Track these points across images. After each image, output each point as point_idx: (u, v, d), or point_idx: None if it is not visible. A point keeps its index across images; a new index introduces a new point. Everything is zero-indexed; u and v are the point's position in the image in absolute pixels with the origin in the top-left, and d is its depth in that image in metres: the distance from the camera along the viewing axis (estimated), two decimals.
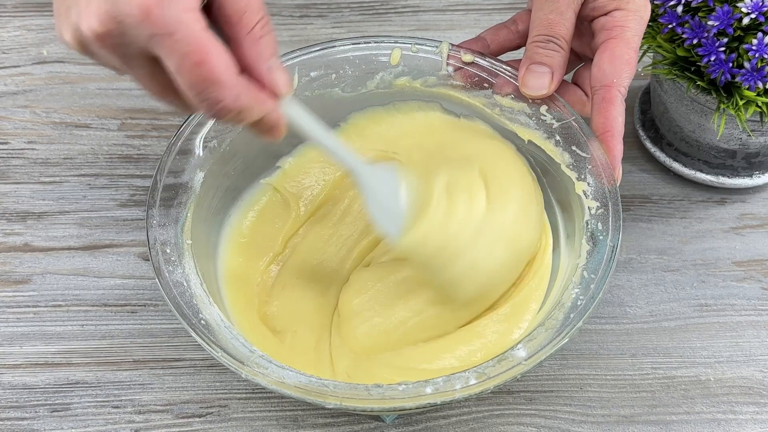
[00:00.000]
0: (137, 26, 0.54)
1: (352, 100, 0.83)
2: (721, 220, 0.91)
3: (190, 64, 0.55)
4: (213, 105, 0.56)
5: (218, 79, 0.55)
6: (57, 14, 0.59)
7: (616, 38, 0.75)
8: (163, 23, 0.54)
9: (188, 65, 0.55)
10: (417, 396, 0.64)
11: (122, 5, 0.54)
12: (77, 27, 0.56)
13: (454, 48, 0.81)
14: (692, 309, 0.85)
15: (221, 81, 0.56)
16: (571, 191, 0.75)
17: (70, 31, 0.58)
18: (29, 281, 0.87)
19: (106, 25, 0.55)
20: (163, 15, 0.54)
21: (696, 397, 0.80)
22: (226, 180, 0.80)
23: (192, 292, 0.70)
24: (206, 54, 0.55)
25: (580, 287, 0.69)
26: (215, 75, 0.55)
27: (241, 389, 0.80)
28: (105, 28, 0.55)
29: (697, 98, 0.84)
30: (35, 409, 0.80)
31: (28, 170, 0.95)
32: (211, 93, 0.56)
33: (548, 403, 0.80)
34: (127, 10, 0.54)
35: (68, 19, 0.57)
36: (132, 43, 0.55)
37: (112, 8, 0.54)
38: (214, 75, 0.55)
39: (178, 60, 0.55)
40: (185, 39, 0.54)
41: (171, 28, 0.54)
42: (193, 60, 0.55)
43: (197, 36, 0.55)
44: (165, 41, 0.54)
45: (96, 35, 0.55)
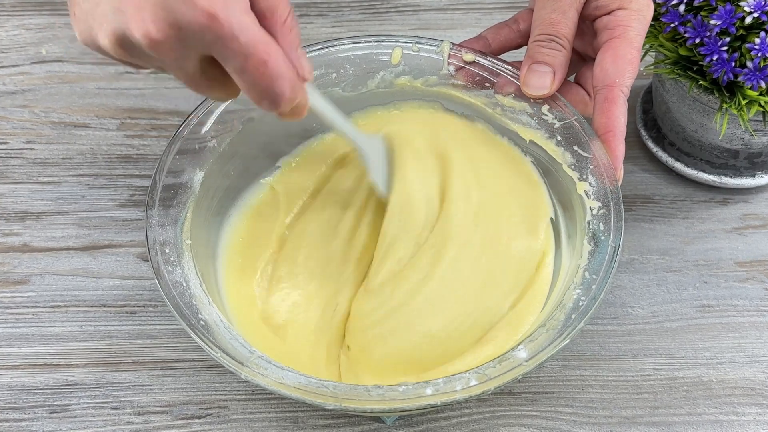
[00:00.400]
0: (200, 31, 0.55)
1: (353, 99, 0.83)
2: (724, 220, 0.91)
3: (255, 63, 0.57)
4: (276, 98, 0.60)
5: (281, 75, 0.59)
6: (84, 14, 0.59)
7: (618, 38, 0.75)
8: (229, 26, 0.55)
9: (253, 65, 0.57)
10: (417, 397, 0.64)
11: (185, 13, 0.55)
12: (124, 33, 0.57)
13: (455, 47, 0.81)
14: (694, 310, 0.85)
15: (284, 76, 0.59)
16: (572, 191, 0.75)
17: (109, 36, 0.58)
18: (28, 282, 0.87)
19: (165, 32, 0.55)
20: (227, 20, 0.55)
21: (698, 399, 0.80)
22: (226, 180, 0.80)
23: (191, 293, 0.70)
24: (270, 53, 0.58)
25: (582, 288, 0.69)
26: (279, 71, 0.58)
27: (241, 390, 0.80)
28: (163, 35, 0.56)
29: (699, 98, 0.84)
30: (34, 410, 0.80)
31: (26, 170, 0.95)
32: (276, 88, 0.59)
33: (549, 405, 0.80)
34: (190, 17, 0.55)
35: (107, 24, 0.57)
36: (192, 48, 0.57)
37: (172, 15, 0.55)
38: (278, 71, 0.58)
39: (242, 61, 0.57)
40: (249, 41, 0.56)
41: (236, 32, 0.56)
42: (258, 60, 0.57)
43: (259, 36, 0.57)
44: (230, 44, 0.56)
45: (152, 41, 0.56)
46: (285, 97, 0.60)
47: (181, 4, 0.55)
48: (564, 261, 0.76)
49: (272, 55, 0.58)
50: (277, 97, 0.60)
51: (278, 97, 0.60)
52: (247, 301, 0.78)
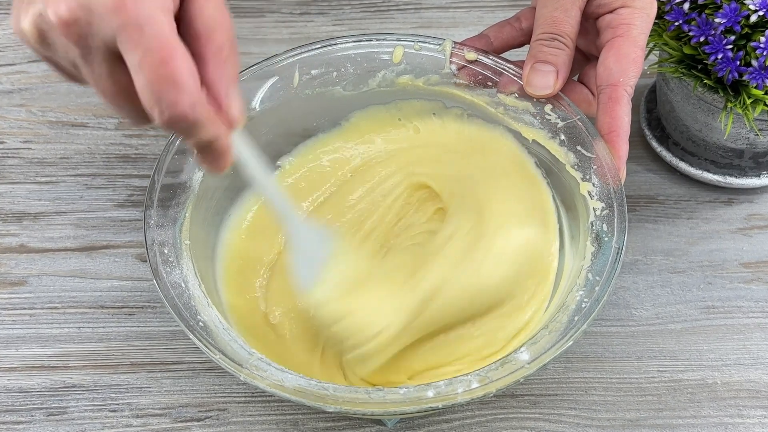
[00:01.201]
0: (107, 16, 0.53)
1: (354, 98, 0.83)
2: (729, 220, 0.91)
3: (153, 60, 0.53)
4: (167, 108, 0.55)
5: (179, 81, 0.54)
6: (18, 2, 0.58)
7: (622, 36, 0.75)
8: (135, 15, 0.53)
9: (151, 62, 0.53)
10: (418, 400, 0.64)
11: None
12: (41, 13, 0.56)
13: (457, 46, 0.81)
14: (699, 311, 0.85)
15: (182, 84, 0.54)
16: (575, 192, 0.75)
17: (30, 17, 0.57)
18: (25, 283, 0.87)
19: (75, 12, 0.54)
20: (135, 7, 0.53)
21: (703, 401, 0.80)
22: (226, 179, 0.80)
23: (190, 293, 0.70)
24: (172, 53, 0.54)
25: (585, 289, 0.68)
26: (177, 76, 0.54)
27: (241, 393, 0.80)
28: (73, 15, 0.54)
29: (703, 97, 0.84)
30: (31, 413, 0.80)
31: (24, 170, 0.95)
32: (169, 94, 0.54)
33: (552, 407, 0.80)
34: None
35: (30, 6, 0.56)
36: (97, 34, 0.54)
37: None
38: (176, 76, 0.54)
39: (141, 55, 0.54)
40: (154, 35, 0.53)
41: (141, 22, 0.53)
42: (158, 57, 0.53)
43: (166, 34, 0.54)
44: (133, 34, 0.53)
45: (62, 22, 0.54)
46: (180, 112, 0.55)
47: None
48: (567, 262, 0.76)
49: (175, 59, 0.54)
50: (170, 109, 0.54)
51: (170, 109, 0.54)
52: (247, 303, 0.78)
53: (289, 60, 0.81)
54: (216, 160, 0.60)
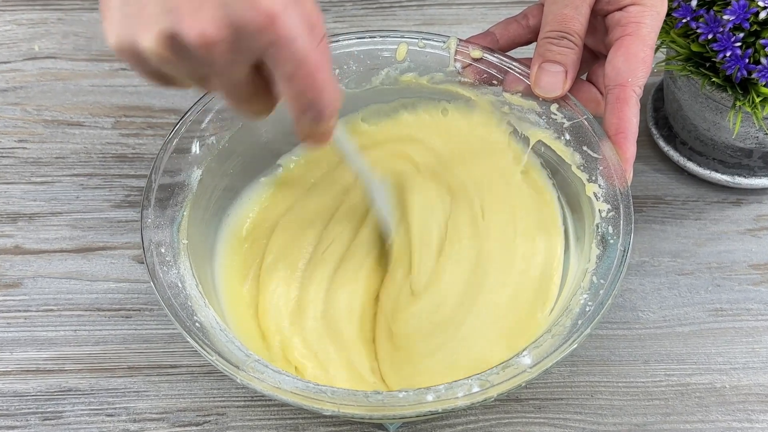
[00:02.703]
0: (258, 33, 0.55)
1: (357, 96, 0.83)
2: (737, 221, 0.91)
3: (306, 71, 0.57)
4: (320, 112, 0.60)
5: (328, 88, 0.60)
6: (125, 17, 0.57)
7: (631, 35, 0.74)
8: (287, 31, 0.56)
9: (304, 73, 0.58)
10: (418, 404, 0.64)
11: (244, 13, 0.54)
12: (174, 33, 0.56)
13: (462, 43, 0.81)
14: (707, 314, 0.85)
15: (330, 90, 0.60)
16: (581, 193, 0.75)
17: (156, 36, 0.56)
18: (20, 285, 0.87)
19: (222, 31, 0.55)
20: (286, 23, 0.55)
21: (711, 405, 0.80)
22: (225, 179, 0.80)
23: (187, 294, 0.70)
24: (322, 64, 0.58)
25: (589, 293, 0.68)
26: (327, 85, 0.59)
27: (240, 397, 0.81)
28: (220, 34, 0.55)
29: (712, 95, 0.84)
30: (26, 417, 0.80)
31: (18, 170, 0.95)
32: (322, 100, 0.59)
33: (558, 411, 0.80)
34: (250, 16, 0.54)
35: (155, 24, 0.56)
36: (246, 50, 0.56)
37: (232, 14, 0.54)
38: (326, 84, 0.59)
39: (294, 67, 0.57)
40: (303, 48, 0.57)
41: (292, 37, 0.56)
42: (308, 69, 0.57)
43: (311, 46, 0.57)
44: (284, 49, 0.56)
45: (206, 42, 0.55)
46: (327, 111, 0.61)
47: (242, 3, 0.54)
48: (572, 264, 0.76)
49: (323, 67, 0.58)
50: (321, 111, 0.60)
51: (322, 111, 0.60)
52: (245, 304, 0.78)
53: None
54: (326, 138, 0.65)
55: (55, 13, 1.08)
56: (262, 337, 0.76)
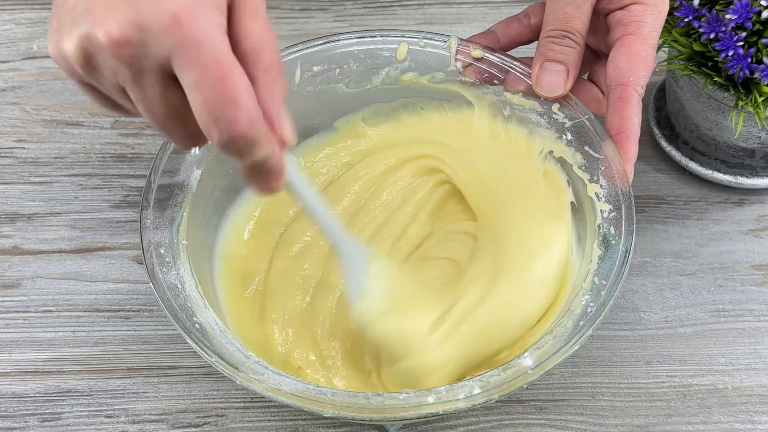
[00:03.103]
0: (163, 35, 0.53)
1: (357, 96, 0.83)
2: (740, 221, 0.91)
3: (212, 78, 0.53)
4: (226, 127, 0.54)
5: (239, 99, 0.54)
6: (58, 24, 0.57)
7: (632, 34, 0.74)
8: (192, 33, 0.53)
9: (210, 80, 0.53)
10: (418, 405, 0.64)
11: (149, 13, 0.53)
12: (88, 34, 0.55)
13: (463, 43, 0.81)
14: (709, 314, 0.85)
15: (241, 101, 0.54)
16: (583, 193, 0.75)
17: (75, 39, 0.55)
18: (19, 285, 0.87)
19: (128, 32, 0.53)
20: (192, 25, 0.53)
21: (713, 407, 0.80)
22: (225, 179, 0.80)
23: (186, 295, 0.70)
24: (230, 71, 0.54)
25: (591, 294, 0.68)
26: (236, 94, 0.54)
27: (240, 398, 0.80)
28: (125, 35, 0.53)
29: (714, 95, 0.84)
30: (25, 418, 0.80)
31: (17, 170, 0.95)
32: (228, 112, 0.54)
33: (559, 413, 0.80)
34: (154, 18, 0.53)
35: (75, 27, 0.55)
36: (151, 54, 0.54)
37: (137, 15, 0.53)
38: (235, 93, 0.54)
39: (199, 74, 0.53)
40: (211, 52, 0.53)
41: (199, 40, 0.53)
42: (217, 75, 0.53)
43: (223, 52, 0.54)
44: (189, 53, 0.53)
45: (113, 42, 0.54)
46: (239, 130, 0.54)
47: (148, 4, 0.53)
48: (573, 265, 0.76)
49: (233, 76, 0.54)
50: (230, 127, 0.54)
51: (230, 127, 0.54)
52: (246, 305, 0.78)
53: (291, 56, 0.81)
54: (269, 181, 0.60)
55: None
56: (263, 339, 0.76)
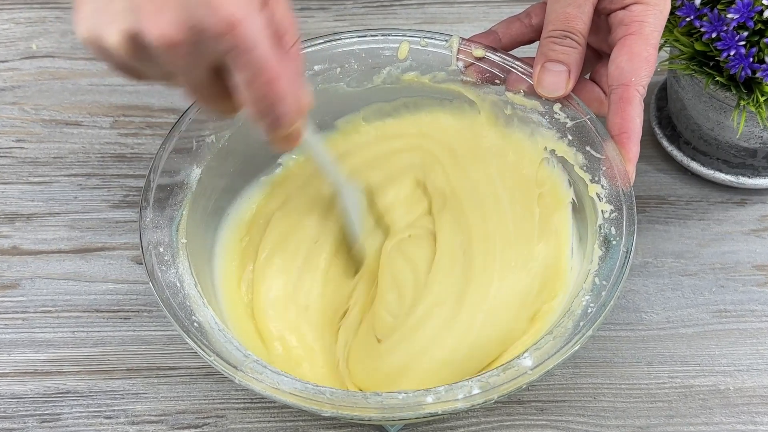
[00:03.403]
0: (218, 38, 0.56)
1: (358, 95, 0.83)
2: (741, 222, 0.91)
3: (263, 80, 0.58)
4: (278, 118, 0.61)
5: (287, 96, 0.60)
6: (93, 12, 0.59)
7: (634, 34, 0.74)
8: (246, 39, 0.56)
9: (263, 80, 0.59)
10: (417, 405, 0.64)
11: (206, 17, 0.55)
12: (138, 31, 0.57)
13: (464, 42, 0.81)
14: (711, 315, 0.85)
15: (289, 98, 0.61)
16: (584, 194, 0.75)
17: (121, 33, 0.57)
18: (18, 286, 0.87)
19: (184, 34, 0.56)
20: (247, 31, 0.56)
21: (715, 407, 0.80)
22: (225, 178, 0.80)
23: (185, 293, 0.70)
24: (279, 72, 0.59)
25: (591, 294, 0.68)
26: (286, 92, 0.60)
27: (240, 399, 0.80)
28: (181, 36, 0.56)
29: (715, 95, 0.84)
30: (24, 419, 0.80)
31: (16, 170, 0.95)
32: (280, 108, 0.61)
33: (560, 414, 0.80)
34: (211, 22, 0.55)
35: (120, 20, 0.57)
36: (205, 53, 0.57)
37: (193, 18, 0.55)
38: (285, 92, 0.60)
39: (253, 74, 0.58)
40: (263, 56, 0.58)
41: (252, 44, 0.57)
42: (267, 77, 0.58)
43: (271, 54, 0.58)
44: (243, 56, 0.57)
45: (168, 42, 0.56)
46: (286, 118, 0.62)
47: (204, 8, 0.55)
48: (574, 266, 0.76)
49: (282, 75, 0.59)
50: (279, 118, 0.61)
51: (280, 118, 0.61)
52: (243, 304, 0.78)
53: None
54: (291, 143, 0.67)
55: (53, 11, 1.08)
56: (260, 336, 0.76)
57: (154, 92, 1.01)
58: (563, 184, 0.78)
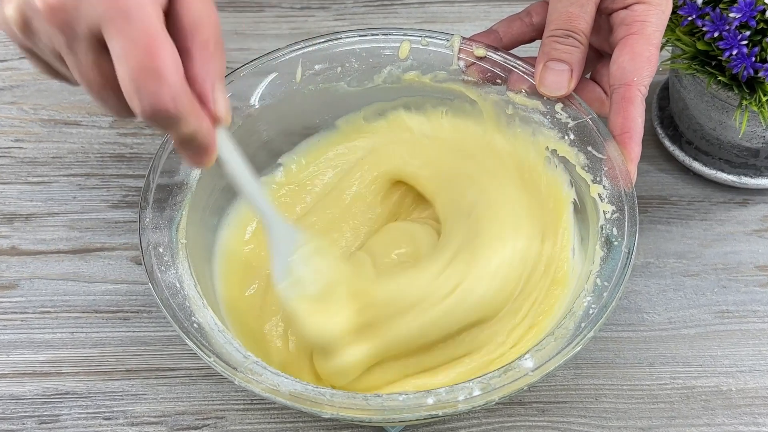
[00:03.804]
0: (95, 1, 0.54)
1: (359, 94, 0.83)
2: (744, 222, 0.91)
3: (137, 50, 0.54)
4: (149, 100, 0.55)
5: (162, 73, 0.54)
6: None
7: (636, 34, 0.74)
8: (123, 3, 0.54)
9: (135, 51, 0.54)
10: (418, 407, 0.64)
11: None
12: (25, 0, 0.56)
13: (465, 41, 0.81)
14: (713, 316, 0.85)
15: (165, 75, 0.55)
16: (585, 194, 0.75)
17: (14, 3, 0.57)
18: (16, 286, 0.87)
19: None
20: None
21: (717, 409, 0.80)
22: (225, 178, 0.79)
23: (185, 294, 0.70)
24: (156, 44, 0.54)
25: (593, 295, 0.68)
26: (160, 67, 0.54)
27: (239, 400, 0.80)
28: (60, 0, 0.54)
29: (718, 94, 0.84)
30: (22, 420, 0.80)
31: (15, 170, 0.95)
32: (151, 86, 0.54)
33: (562, 415, 0.80)
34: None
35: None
36: (84, 20, 0.55)
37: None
38: (159, 67, 0.54)
39: (125, 44, 0.54)
40: (140, 24, 0.54)
41: (129, 10, 0.54)
42: (142, 46, 0.54)
43: (152, 24, 0.54)
44: (118, 22, 0.54)
45: (48, 6, 0.55)
46: (162, 104, 0.55)
47: None
48: (575, 266, 0.76)
49: (160, 50, 0.54)
50: (152, 101, 0.55)
51: (152, 101, 0.55)
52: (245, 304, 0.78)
53: (292, 54, 0.81)
54: (198, 155, 0.60)
55: None
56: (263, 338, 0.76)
57: None
58: (565, 184, 0.78)
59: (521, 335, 0.74)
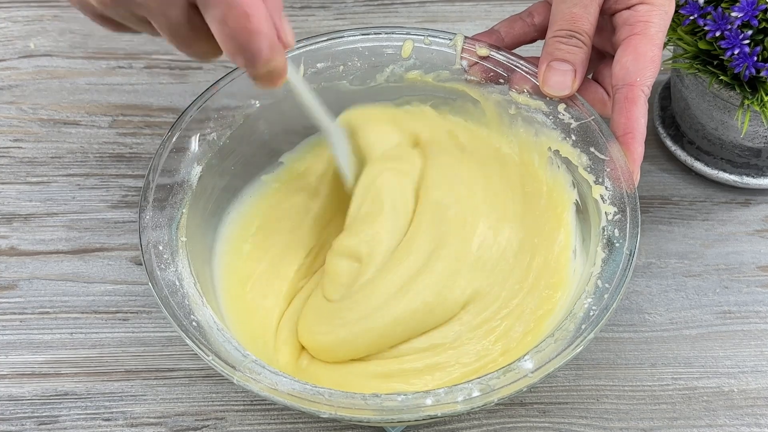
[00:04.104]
0: None
1: (361, 93, 0.83)
2: (746, 222, 0.91)
3: (237, 15, 0.59)
4: (253, 55, 0.61)
5: (260, 30, 0.60)
6: None
7: (639, 34, 0.74)
8: None
9: (235, 16, 0.59)
10: (416, 408, 0.64)
11: None
12: None
13: (468, 41, 0.81)
14: (715, 316, 0.85)
15: (263, 32, 0.60)
16: (587, 195, 0.75)
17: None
18: (15, 287, 0.87)
19: None
20: None
21: (719, 409, 0.80)
22: (225, 177, 0.80)
23: (184, 292, 0.70)
24: (254, 8, 0.59)
25: (594, 297, 0.68)
26: (260, 27, 0.60)
27: (239, 401, 0.80)
28: None
29: (719, 94, 0.84)
30: (21, 421, 0.80)
31: (14, 170, 0.95)
32: (253, 44, 0.60)
33: (563, 416, 0.80)
34: None
35: None
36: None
37: None
38: (259, 27, 0.60)
39: (224, 10, 0.58)
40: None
41: None
42: (241, 12, 0.59)
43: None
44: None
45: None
46: (262, 55, 0.61)
47: None
48: (576, 268, 0.76)
49: (256, 10, 0.59)
50: (254, 54, 0.61)
51: (255, 54, 0.61)
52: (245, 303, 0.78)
53: (294, 53, 0.80)
54: (273, 81, 0.65)
55: (51, 10, 1.08)
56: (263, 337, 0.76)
57: (153, 91, 1.01)
58: (567, 185, 0.78)
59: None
